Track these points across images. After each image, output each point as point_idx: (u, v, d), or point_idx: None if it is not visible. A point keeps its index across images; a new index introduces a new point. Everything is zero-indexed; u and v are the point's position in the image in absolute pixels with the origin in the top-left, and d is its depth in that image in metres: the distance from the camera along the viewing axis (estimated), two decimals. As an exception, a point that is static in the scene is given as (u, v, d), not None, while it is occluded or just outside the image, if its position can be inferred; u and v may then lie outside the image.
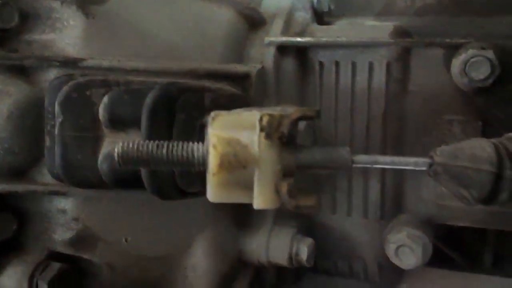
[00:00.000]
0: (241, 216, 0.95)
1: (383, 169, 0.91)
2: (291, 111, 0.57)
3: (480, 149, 0.58)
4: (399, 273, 1.01)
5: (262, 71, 0.90)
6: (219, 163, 0.55)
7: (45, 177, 0.83)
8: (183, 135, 0.69)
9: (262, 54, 0.91)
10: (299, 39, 0.91)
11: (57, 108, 0.75)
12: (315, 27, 0.96)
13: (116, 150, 0.59)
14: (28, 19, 0.83)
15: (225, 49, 0.91)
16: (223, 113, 0.58)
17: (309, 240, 0.94)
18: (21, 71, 0.82)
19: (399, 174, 0.92)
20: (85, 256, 0.85)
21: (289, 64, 0.92)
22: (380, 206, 0.93)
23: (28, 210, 0.85)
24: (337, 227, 0.97)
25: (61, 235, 0.83)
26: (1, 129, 0.79)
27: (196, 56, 0.87)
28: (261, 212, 0.96)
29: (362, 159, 0.60)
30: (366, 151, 0.90)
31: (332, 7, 0.98)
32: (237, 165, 0.55)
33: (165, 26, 0.86)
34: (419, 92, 0.88)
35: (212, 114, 0.58)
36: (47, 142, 0.79)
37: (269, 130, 0.55)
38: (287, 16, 0.95)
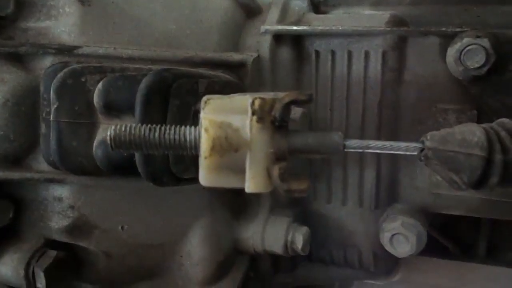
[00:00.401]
0: (237, 205, 0.96)
1: (378, 158, 0.91)
2: (283, 95, 0.57)
3: (470, 133, 0.59)
4: (394, 261, 1.02)
5: (258, 60, 0.89)
6: (211, 146, 0.56)
7: (41, 165, 0.83)
8: (177, 120, 0.70)
9: (258, 43, 0.91)
10: (295, 27, 0.91)
11: (52, 94, 0.75)
12: (311, 16, 0.95)
13: (108, 133, 0.59)
14: (24, 6, 0.83)
15: (221, 37, 0.90)
16: (216, 97, 0.58)
17: (305, 229, 0.94)
18: (17, 59, 0.82)
19: (394, 163, 0.92)
20: (81, 244, 0.86)
21: (285, 52, 0.92)
22: (375, 195, 0.93)
23: (24, 197, 0.85)
24: (332, 216, 0.97)
25: (57, 223, 0.84)
26: (-3, 116, 0.79)
27: (192, 44, 0.87)
28: (257, 200, 0.96)
29: (354, 144, 0.60)
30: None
31: (328, -4, 0.98)
32: (228, 148, 0.56)
33: (161, 14, 0.86)
34: (415, 81, 0.88)
35: (205, 98, 0.58)
36: (43, 129, 0.79)
37: (261, 114, 0.55)
38: (283, 5, 0.95)
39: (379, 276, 1.04)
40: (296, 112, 0.88)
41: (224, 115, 0.57)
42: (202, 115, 0.57)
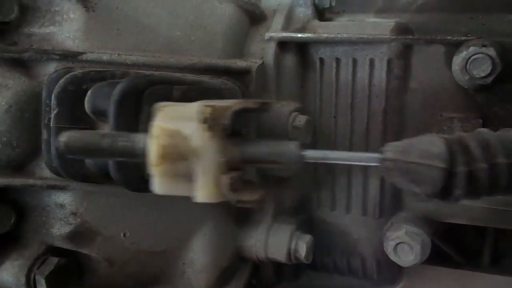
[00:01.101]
0: (240, 212, 0.95)
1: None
2: (234, 103, 0.56)
3: (431, 144, 0.57)
4: (397, 270, 1.01)
5: (262, 67, 0.89)
6: (159, 154, 0.55)
7: (44, 171, 0.83)
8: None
9: (262, 50, 0.91)
10: (299, 35, 0.91)
11: (53, 100, 0.75)
12: (316, 23, 0.95)
13: (62, 139, 0.59)
14: (28, 12, 0.83)
15: (225, 44, 0.90)
16: (170, 104, 0.58)
17: (308, 237, 0.93)
18: (20, 64, 0.82)
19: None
20: (83, 250, 0.85)
21: (290, 60, 0.92)
22: (379, 203, 0.93)
23: (27, 204, 0.85)
24: (336, 224, 0.97)
25: (59, 230, 0.83)
26: (0, 122, 0.79)
27: (196, 50, 0.87)
28: (260, 208, 0.95)
29: (312, 155, 0.58)
30: (366, 148, 0.90)
31: (333, 3, 0.97)
32: (177, 156, 0.55)
33: (165, 20, 0.86)
34: (420, 89, 0.87)
35: (158, 105, 0.57)
36: (45, 135, 0.79)
37: (211, 122, 0.54)
38: (288, 12, 0.95)
39: (383, 285, 1.03)
40: (301, 119, 0.87)
41: (176, 123, 0.56)
42: (154, 122, 0.56)
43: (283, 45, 0.91)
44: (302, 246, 0.92)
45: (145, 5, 0.85)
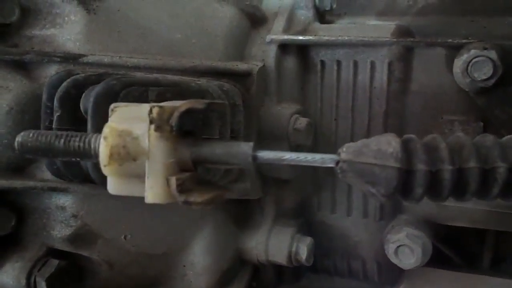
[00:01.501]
0: (240, 214, 0.95)
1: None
2: (182, 103, 0.56)
3: (386, 144, 0.56)
4: (398, 273, 1.01)
5: (263, 69, 0.89)
6: (108, 154, 0.55)
7: (44, 173, 0.82)
8: None
9: (263, 52, 0.91)
10: (300, 37, 0.91)
11: (55, 103, 0.75)
12: (317, 25, 0.95)
13: (16, 139, 0.59)
14: (29, 14, 0.83)
15: (226, 46, 0.90)
16: (124, 105, 0.58)
17: (309, 239, 0.93)
18: (21, 66, 0.82)
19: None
20: (84, 253, 0.85)
21: (291, 62, 0.92)
22: (379, 206, 0.93)
23: (27, 206, 0.84)
24: (336, 227, 0.97)
25: (60, 232, 0.83)
26: (1, 124, 0.79)
27: (197, 53, 0.87)
28: (260, 210, 0.95)
29: (266, 156, 0.57)
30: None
31: (334, 5, 0.98)
32: (126, 157, 0.55)
33: (166, 22, 0.86)
34: (421, 92, 0.88)
35: (112, 105, 0.58)
36: (46, 137, 0.78)
37: (159, 122, 0.54)
38: (288, 14, 0.95)
39: (383, 287, 1.03)
40: (301, 122, 0.88)
41: (128, 123, 0.56)
42: (107, 123, 0.57)
43: (284, 47, 0.91)
44: (303, 249, 0.92)
45: (146, 8, 0.85)
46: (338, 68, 0.90)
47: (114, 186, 0.58)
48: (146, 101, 0.70)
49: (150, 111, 0.54)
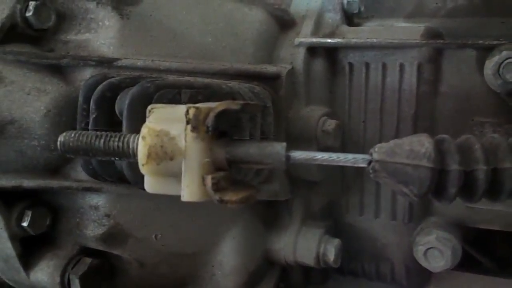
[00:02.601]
0: (269, 215, 0.96)
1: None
2: (217, 104, 0.57)
3: (419, 144, 0.56)
4: (426, 275, 1.00)
5: (292, 72, 0.90)
6: (147, 154, 0.57)
7: (79, 174, 0.84)
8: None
9: (292, 55, 0.92)
10: (329, 40, 0.92)
11: (92, 105, 0.77)
12: (345, 28, 0.96)
13: (59, 139, 0.61)
14: (64, 19, 0.85)
15: (256, 49, 0.91)
16: (161, 106, 0.59)
17: (337, 241, 0.94)
18: (58, 70, 0.84)
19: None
20: (116, 252, 0.87)
21: (319, 65, 0.93)
22: (408, 208, 0.92)
23: (62, 205, 0.86)
24: (364, 229, 0.97)
25: (93, 231, 0.85)
26: (39, 126, 0.81)
27: (227, 56, 0.88)
28: (289, 211, 0.96)
29: (298, 155, 0.58)
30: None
31: (362, 8, 0.98)
32: (163, 156, 0.56)
33: (197, 26, 0.88)
34: (451, 94, 0.87)
35: (150, 107, 0.59)
36: (81, 138, 0.80)
37: (195, 123, 0.55)
38: (317, 17, 0.95)
39: (411, 290, 1.02)
40: (330, 124, 0.88)
41: (165, 124, 0.57)
42: (145, 123, 0.58)
43: (312, 50, 0.92)
44: (331, 250, 0.92)
45: (177, 13, 0.87)
46: (366, 71, 0.91)
47: (151, 184, 0.60)
48: (178, 103, 0.71)
49: (187, 112, 0.55)
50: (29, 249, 0.86)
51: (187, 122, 0.55)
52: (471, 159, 0.57)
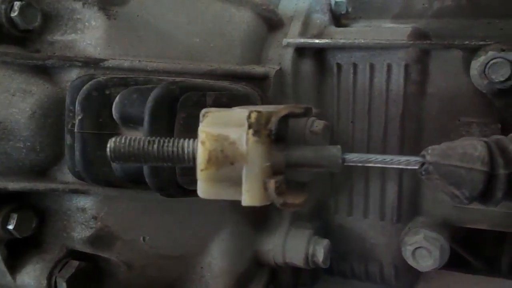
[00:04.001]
0: (258, 217, 0.96)
1: (401, 170, 0.91)
2: (280, 108, 0.57)
3: (472, 148, 0.58)
4: (415, 275, 1.01)
5: (280, 73, 0.90)
6: (207, 159, 0.56)
7: (65, 176, 0.84)
8: (183, 133, 0.70)
9: (280, 56, 0.92)
10: (317, 40, 0.92)
11: (77, 106, 0.76)
12: (333, 29, 0.96)
13: (108, 145, 0.60)
14: (50, 20, 0.84)
15: (243, 50, 0.91)
16: (214, 110, 0.58)
17: (326, 242, 0.94)
18: (43, 71, 0.83)
19: (417, 176, 0.91)
20: (103, 254, 0.86)
21: (307, 65, 0.93)
22: (397, 208, 0.93)
23: (48, 208, 0.86)
24: (353, 229, 0.97)
25: (80, 233, 0.84)
26: (24, 128, 0.80)
27: (215, 57, 0.88)
28: (278, 213, 0.96)
29: (354, 158, 0.59)
30: (384, 153, 0.90)
31: (350, 9, 0.98)
32: (224, 161, 0.55)
33: (185, 27, 0.87)
34: (438, 94, 0.88)
35: (203, 111, 0.58)
36: (68, 140, 0.80)
37: (257, 127, 0.55)
38: (305, 18, 0.96)
39: (400, 290, 1.03)
40: (318, 124, 0.88)
41: (222, 128, 0.56)
42: (200, 128, 0.57)
43: (300, 51, 0.92)
44: (320, 251, 0.92)
45: (165, 13, 0.86)
46: (354, 71, 0.91)
47: (205, 190, 0.58)
48: (204, 105, 0.72)
49: (249, 116, 0.55)
50: (15, 253, 0.85)
51: (249, 126, 0.55)
52: (510, 162, 0.58)
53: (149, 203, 0.86)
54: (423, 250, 0.87)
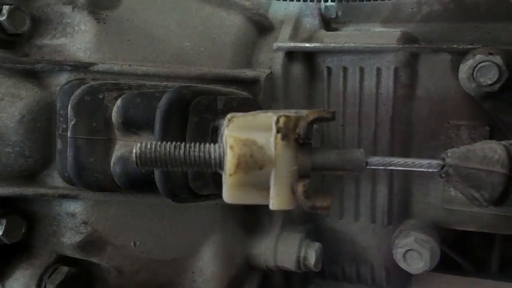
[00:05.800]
0: (249, 221, 0.96)
1: (391, 174, 0.91)
2: (307, 112, 0.57)
3: (491, 151, 0.59)
4: (406, 277, 1.01)
5: (270, 76, 0.90)
6: (236, 163, 0.56)
7: (55, 181, 0.83)
8: (196, 137, 0.70)
9: (270, 60, 0.92)
10: (307, 44, 0.92)
11: (70, 111, 0.76)
12: (323, 33, 0.97)
13: (134, 150, 0.59)
14: (39, 24, 0.84)
15: (234, 54, 0.91)
16: (239, 114, 0.59)
17: (317, 245, 0.94)
18: (33, 75, 0.83)
19: (407, 179, 0.92)
20: (94, 259, 0.85)
21: (297, 69, 0.93)
22: (387, 211, 0.93)
23: (38, 213, 0.85)
24: (344, 232, 0.97)
25: (70, 239, 0.84)
26: (13, 132, 0.79)
27: (205, 61, 0.88)
28: (269, 217, 0.96)
29: (376, 161, 0.60)
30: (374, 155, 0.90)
31: (340, 13, 0.99)
32: (253, 165, 0.56)
33: (175, 31, 0.87)
34: (427, 97, 0.88)
35: (229, 116, 0.58)
36: (59, 145, 0.79)
37: (286, 131, 0.55)
38: (295, 22, 0.96)
39: (392, 292, 1.03)
40: (309, 127, 0.88)
41: (248, 133, 0.57)
42: (226, 132, 0.57)
43: (290, 54, 0.93)
44: (311, 254, 0.92)
45: (155, 17, 0.86)
46: (344, 75, 0.91)
47: (232, 195, 0.58)
48: (215, 109, 0.72)
49: (277, 121, 0.55)
50: (4, 259, 0.84)
51: (277, 131, 0.55)
52: None
53: (139, 208, 0.85)
54: (414, 252, 0.88)
